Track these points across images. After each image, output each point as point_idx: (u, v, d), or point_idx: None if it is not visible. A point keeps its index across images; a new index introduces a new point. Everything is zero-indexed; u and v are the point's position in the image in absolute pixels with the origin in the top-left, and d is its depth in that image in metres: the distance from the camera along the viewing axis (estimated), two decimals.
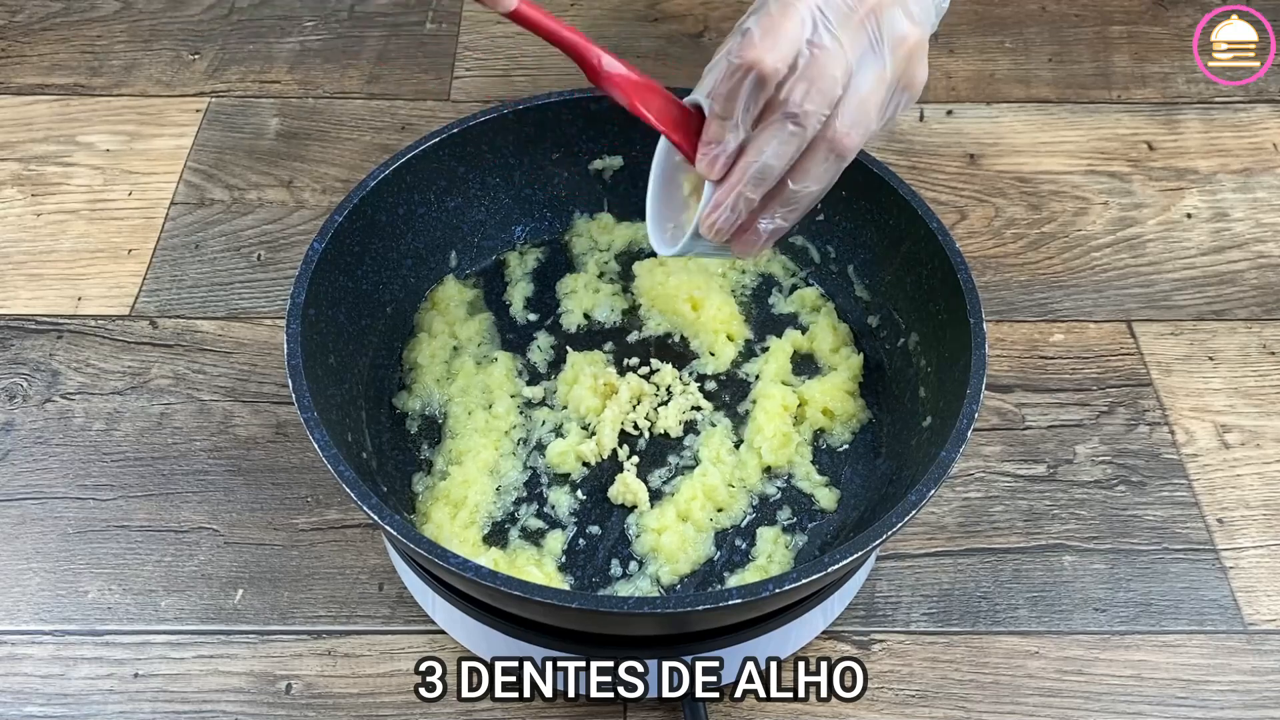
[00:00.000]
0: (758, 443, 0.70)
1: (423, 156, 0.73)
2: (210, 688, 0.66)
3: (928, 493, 0.57)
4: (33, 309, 0.84)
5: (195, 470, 0.75)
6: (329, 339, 0.67)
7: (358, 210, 0.69)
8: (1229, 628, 0.69)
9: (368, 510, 0.56)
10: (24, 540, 0.72)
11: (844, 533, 0.67)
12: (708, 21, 1.09)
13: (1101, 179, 0.95)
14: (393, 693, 0.66)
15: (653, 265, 0.79)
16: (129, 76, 1.02)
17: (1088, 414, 0.79)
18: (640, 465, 0.70)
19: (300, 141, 0.97)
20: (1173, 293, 0.87)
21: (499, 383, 0.73)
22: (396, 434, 0.71)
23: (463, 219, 0.78)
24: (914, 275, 0.71)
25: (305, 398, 0.60)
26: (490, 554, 0.66)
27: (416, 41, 1.07)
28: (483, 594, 0.57)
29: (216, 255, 0.88)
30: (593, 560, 0.66)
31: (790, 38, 0.56)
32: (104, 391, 0.79)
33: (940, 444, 0.60)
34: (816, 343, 0.76)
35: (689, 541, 0.66)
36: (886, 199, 0.72)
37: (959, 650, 0.68)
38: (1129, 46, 1.07)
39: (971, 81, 1.04)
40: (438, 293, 0.77)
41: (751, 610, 0.57)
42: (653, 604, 0.54)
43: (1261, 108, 1.01)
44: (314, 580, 0.70)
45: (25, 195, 0.92)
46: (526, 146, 0.77)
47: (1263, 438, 0.78)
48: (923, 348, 0.71)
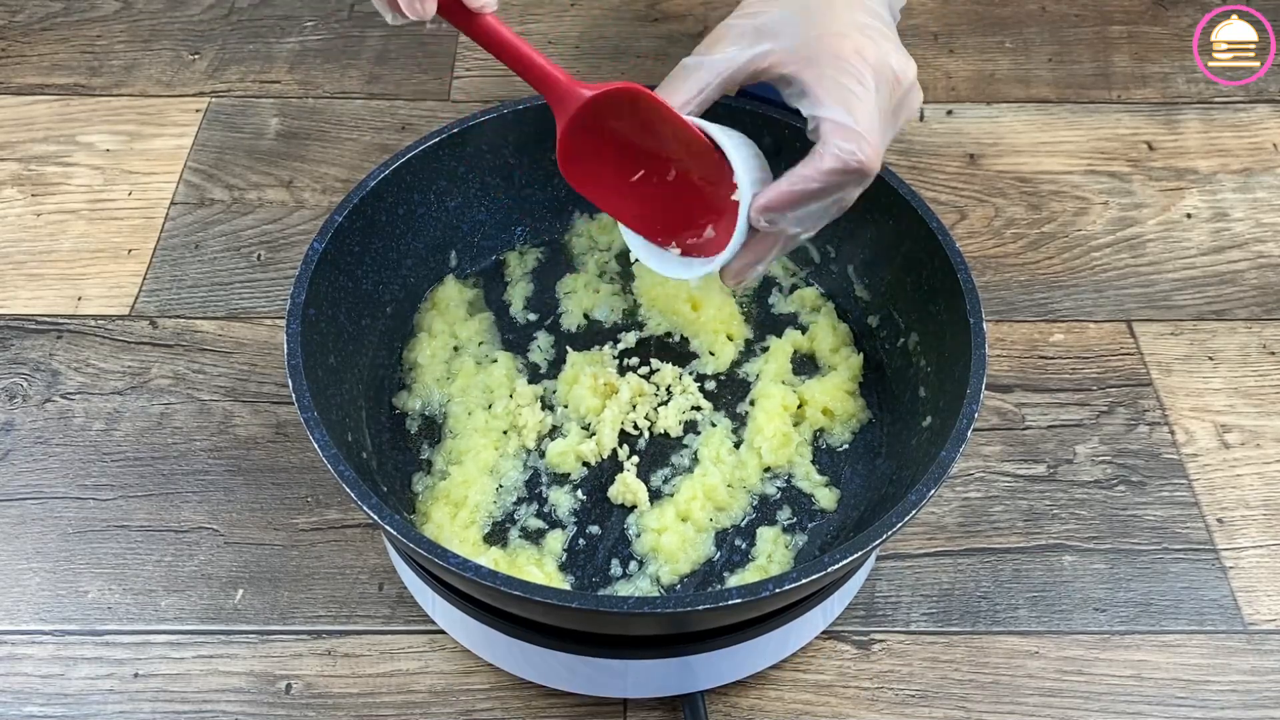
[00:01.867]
0: (758, 443, 0.70)
1: (423, 156, 0.73)
2: (210, 688, 0.66)
3: (928, 493, 0.57)
4: (33, 309, 0.84)
5: (195, 470, 0.75)
6: (329, 339, 0.67)
7: (358, 210, 0.69)
8: (1229, 628, 0.69)
9: (368, 510, 0.56)
10: (24, 540, 0.72)
11: (844, 533, 0.67)
12: (708, 21, 1.09)
13: (1101, 179, 0.95)
14: (393, 693, 0.66)
15: None
16: (129, 76, 1.02)
17: (1088, 414, 0.79)
18: (640, 465, 0.70)
19: (300, 141, 0.97)
20: (1173, 293, 0.87)
21: (499, 383, 0.73)
22: (396, 434, 0.71)
23: (463, 219, 0.78)
24: (914, 275, 0.71)
25: (305, 398, 0.60)
26: (490, 554, 0.66)
27: (416, 41, 1.07)
28: (483, 594, 0.57)
29: (216, 255, 0.88)
30: (593, 560, 0.66)
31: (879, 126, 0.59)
32: (104, 391, 0.79)
33: (940, 444, 0.60)
34: (816, 343, 0.76)
35: (689, 541, 0.66)
36: (886, 199, 0.72)
37: (959, 650, 0.68)
38: (1129, 46, 1.07)
39: (971, 81, 1.04)
40: (438, 293, 0.77)
41: (751, 610, 0.57)
42: (653, 604, 0.54)
43: (1261, 108, 1.01)
44: (314, 580, 0.70)
45: (25, 195, 0.92)
46: (526, 146, 0.77)
47: (1263, 438, 0.78)
48: (923, 348, 0.71)
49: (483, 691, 0.66)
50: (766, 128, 0.75)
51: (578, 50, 1.06)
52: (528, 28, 1.08)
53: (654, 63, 1.04)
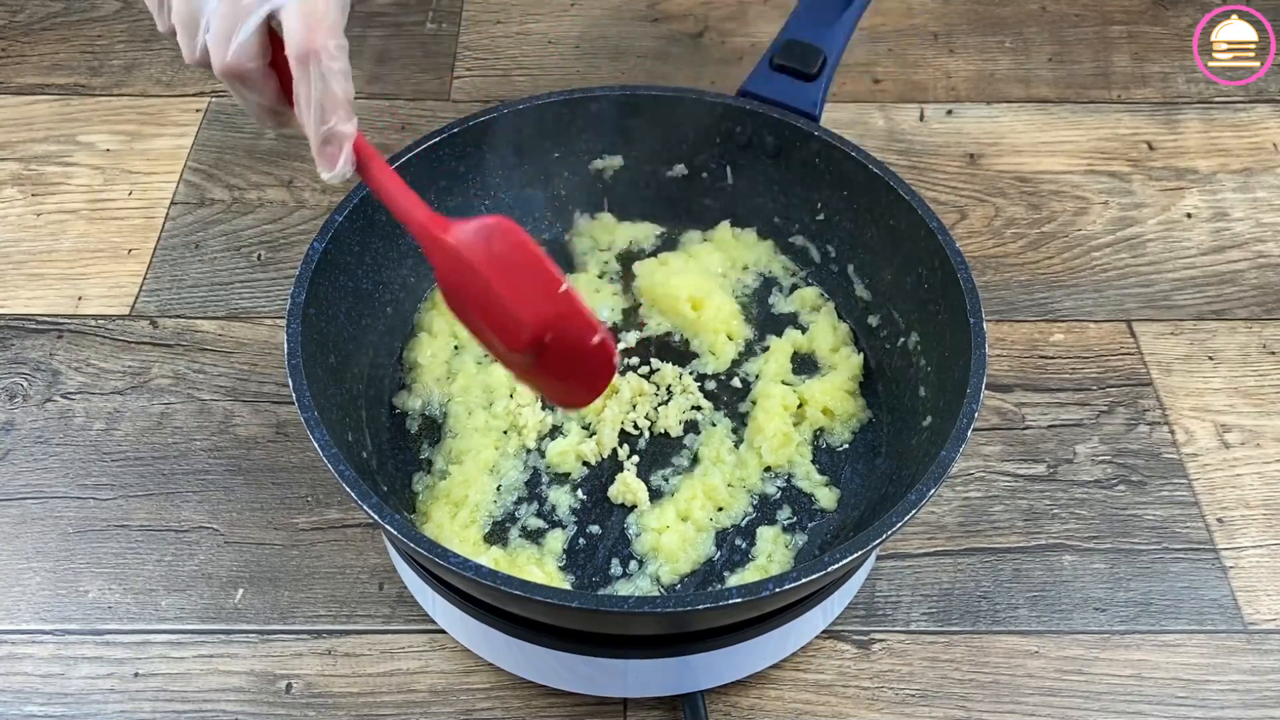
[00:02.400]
0: (758, 442, 0.70)
1: (423, 156, 0.73)
2: (210, 687, 0.66)
3: (928, 492, 0.57)
4: (33, 309, 0.84)
5: (195, 470, 0.75)
6: (329, 339, 0.67)
7: (358, 210, 0.69)
8: (1229, 627, 0.69)
9: (368, 510, 0.56)
10: (24, 540, 0.72)
11: (844, 532, 0.67)
12: (708, 21, 1.09)
13: (1101, 179, 0.95)
14: (393, 692, 0.66)
15: (653, 265, 0.79)
16: (129, 76, 1.02)
17: (1088, 414, 0.79)
18: (640, 465, 0.70)
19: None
20: (1173, 292, 0.87)
21: (499, 382, 0.73)
22: (396, 433, 0.71)
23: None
24: (914, 275, 0.71)
25: (306, 397, 0.60)
26: (490, 553, 0.66)
27: (416, 41, 1.07)
28: (483, 593, 0.57)
29: (216, 255, 0.88)
30: (593, 560, 0.66)
31: None
32: (104, 391, 0.79)
33: (940, 443, 0.60)
34: (816, 343, 0.76)
35: (689, 541, 0.66)
36: (886, 198, 0.72)
37: (959, 650, 0.68)
38: (1129, 46, 1.07)
39: (971, 81, 1.04)
40: (439, 292, 0.77)
41: (751, 610, 0.57)
42: (653, 604, 0.54)
43: (1261, 108, 1.01)
44: (314, 580, 0.70)
45: (25, 195, 0.92)
46: (526, 146, 0.77)
47: (1263, 437, 0.78)
48: (923, 348, 0.71)
49: (483, 691, 0.66)
50: (767, 128, 0.75)
51: (578, 50, 1.06)
52: (527, 27, 1.09)
53: (654, 63, 1.04)
